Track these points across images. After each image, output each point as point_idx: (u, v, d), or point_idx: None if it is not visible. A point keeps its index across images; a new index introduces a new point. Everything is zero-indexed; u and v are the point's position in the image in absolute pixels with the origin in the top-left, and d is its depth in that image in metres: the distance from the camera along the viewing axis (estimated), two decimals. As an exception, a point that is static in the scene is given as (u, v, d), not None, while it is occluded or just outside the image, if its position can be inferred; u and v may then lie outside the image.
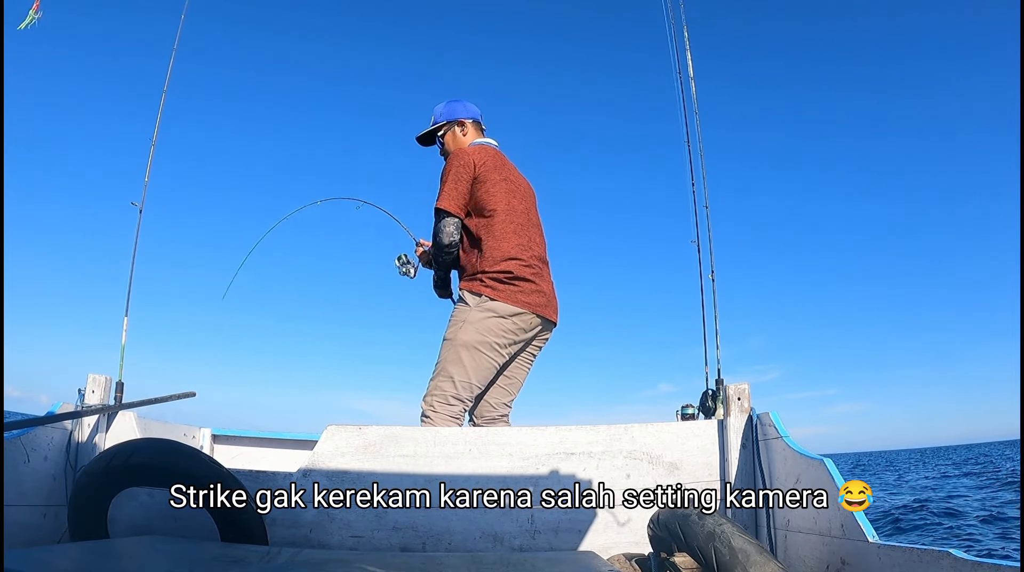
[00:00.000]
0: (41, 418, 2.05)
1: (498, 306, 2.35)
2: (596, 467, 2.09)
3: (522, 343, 2.45)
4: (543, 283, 2.45)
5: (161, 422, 2.63)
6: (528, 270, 2.41)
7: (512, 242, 2.41)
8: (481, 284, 2.38)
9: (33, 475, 1.99)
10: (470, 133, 2.65)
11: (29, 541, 1.92)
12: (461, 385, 2.33)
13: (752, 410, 2.14)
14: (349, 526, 2.00)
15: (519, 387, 2.58)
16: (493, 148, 2.60)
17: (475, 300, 2.37)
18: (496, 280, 2.37)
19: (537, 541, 2.02)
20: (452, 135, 2.65)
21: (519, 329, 2.39)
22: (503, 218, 2.43)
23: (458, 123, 2.65)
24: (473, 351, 2.34)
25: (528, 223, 2.51)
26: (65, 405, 2.18)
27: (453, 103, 2.69)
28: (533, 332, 2.45)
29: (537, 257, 2.48)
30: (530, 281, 2.40)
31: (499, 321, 2.35)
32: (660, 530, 1.72)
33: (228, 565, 1.42)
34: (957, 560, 1.21)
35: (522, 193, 2.55)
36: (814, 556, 1.75)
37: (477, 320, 2.35)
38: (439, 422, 2.30)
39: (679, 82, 2.76)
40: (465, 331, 2.35)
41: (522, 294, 2.37)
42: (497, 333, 2.35)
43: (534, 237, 2.52)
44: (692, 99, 2.72)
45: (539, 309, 2.41)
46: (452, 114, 2.66)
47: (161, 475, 1.72)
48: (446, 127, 2.66)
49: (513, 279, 2.37)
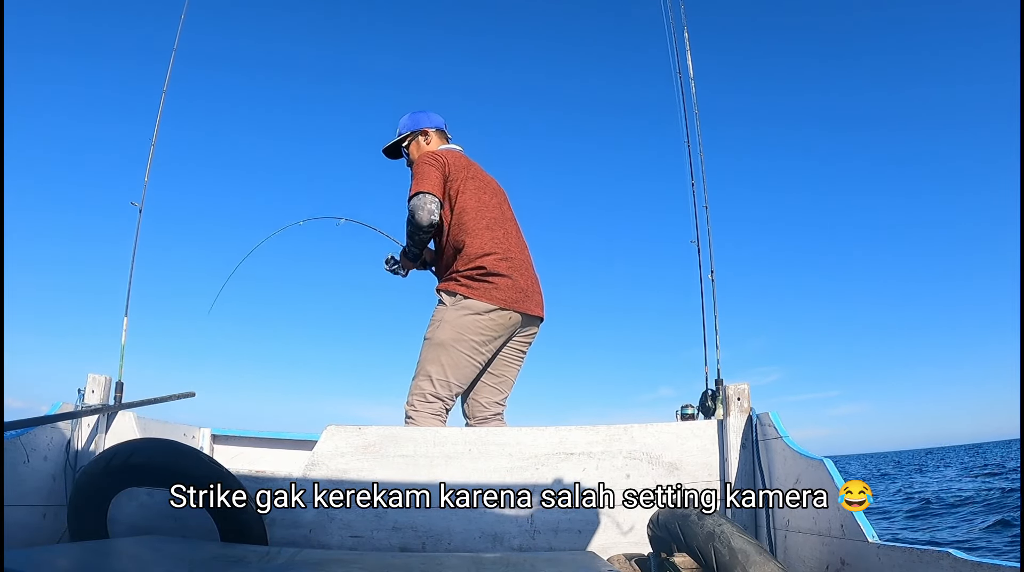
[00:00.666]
0: (41, 418, 2.04)
1: (473, 304, 2.36)
2: (596, 467, 2.09)
3: (502, 339, 2.45)
4: (520, 278, 2.45)
5: (161, 422, 2.63)
6: (503, 264, 2.41)
7: (485, 238, 2.42)
8: (456, 283, 2.39)
9: (33, 475, 1.98)
10: (433, 141, 2.68)
11: (29, 541, 1.92)
12: (439, 384, 2.35)
13: (752, 410, 2.14)
14: (349, 526, 2.00)
15: (510, 385, 2.58)
16: (457, 151, 2.63)
17: (451, 299, 2.39)
18: (470, 278, 2.38)
19: (537, 541, 2.02)
20: (416, 144, 2.69)
21: (497, 325, 2.39)
22: (474, 215, 2.44)
23: (422, 133, 2.69)
24: (451, 349, 2.35)
25: (501, 218, 2.52)
26: (65, 405, 2.17)
27: (417, 114, 2.73)
28: (513, 328, 2.45)
29: (512, 253, 2.47)
30: (505, 276, 2.39)
31: (475, 318, 2.36)
32: (660, 530, 1.72)
33: (228, 565, 1.42)
34: (957, 560, 1.21)
35: (492, 189, 2.57)
36: (814, 556, 1.75)
37: (453, 319, 2.36)
38: (421, 421, 2.32)
39: (679, 82, 2.76)
40: (442, 330, 2.36)
41: (497, 290, 2.38)
42: (474, 330, 2.36)
43: (509, 230, 2.52)
44: (692, 99, 2.73)
45: (516, 305, 2.40)
46: (416, 124, 2.70)
47: (161, 475, 1.72)
48: (410, 138, 2.69)
49: (487, 275, 2.37)
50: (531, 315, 2.48)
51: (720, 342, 2.37)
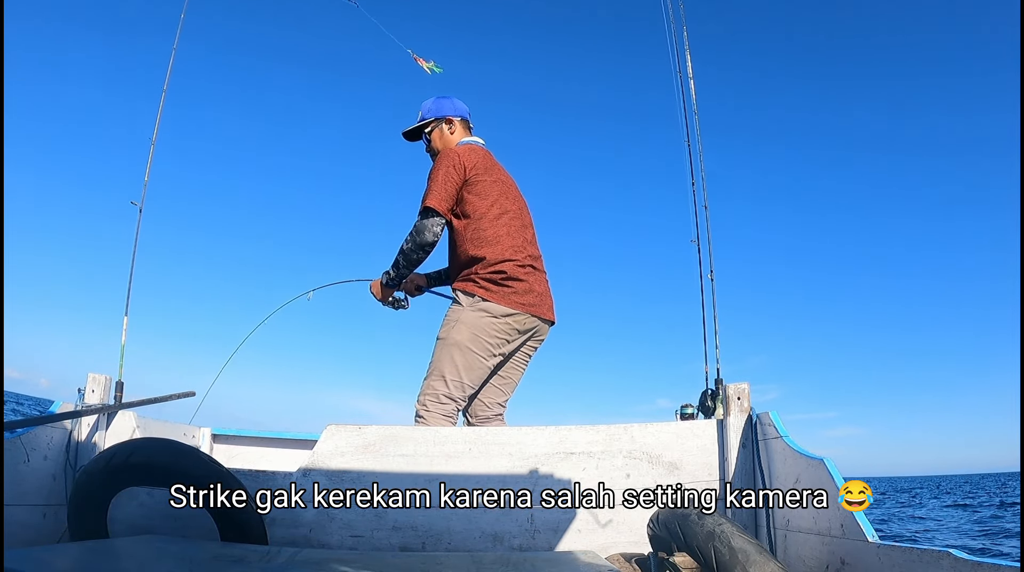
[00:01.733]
0: (41, 417, 2.05)
1: (491, 306, 2.35)
2: (596, 467, 2.09)
3: (516, 343, 2.45)
4: (536, 283, 2.45)
5: (161, 422, 2.63)
6: (521, 271, 2.41)
7: (506, 243, 2.41)
8: (475, 285, 2.38)
9: (33, 474, 1.98)
10: (458, 131, 2.64)
11: (29, 541, 1.92)
12: (453, 384, 2.34)
13: (752, 410, 2.14)
14: (349, 526, 2.00)
15: (514, 387, 2.58)
16: (482, 148, 2.59)
17: (468, 300, 2.38)
18: (490, 281, 2.37)
19: (537, 541, 2.02)
20: (439, 132, 2.63)
21: (512, 330, 2.39)
22: (496, 220, 2.43)
23: (446, 121, 2.63)
24: (465, 351, 2.34)
25: (521, 224, 2.51)
26: (65, 404, 2.17)
27: (441, 99, 2.67)
28: (527, 333, 2.45)
29: (531, 257, 2.48)
30: (523, 281, 2.40)
31: (492, 321, 2.36)
32: (660, 530, 1.72)
33: (228, 565, 1.42)
34: (957, 560, 1.21)
35: (514, 194, 2.56)
36: (814, 556, 1.75)
37: (470, 320, 2.35)
38: (432, 421, 2.31)
39: (679, 82, 2.76)
40: (458, 331, 2.36)
41: (515, 295, 2.38)
42: (490, 333, 2.36)
43: (528, 237, 2.52)
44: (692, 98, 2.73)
45: (532, 309, 2.41)
46: (440, 111, 2.64)
47: (161, 474, 1.72)
48: (434, 124, 2.64)
49: (507, 280, 2.37)
50: (544, 319, 2.49)
51: (720, 355, 2.36)
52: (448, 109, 2.64)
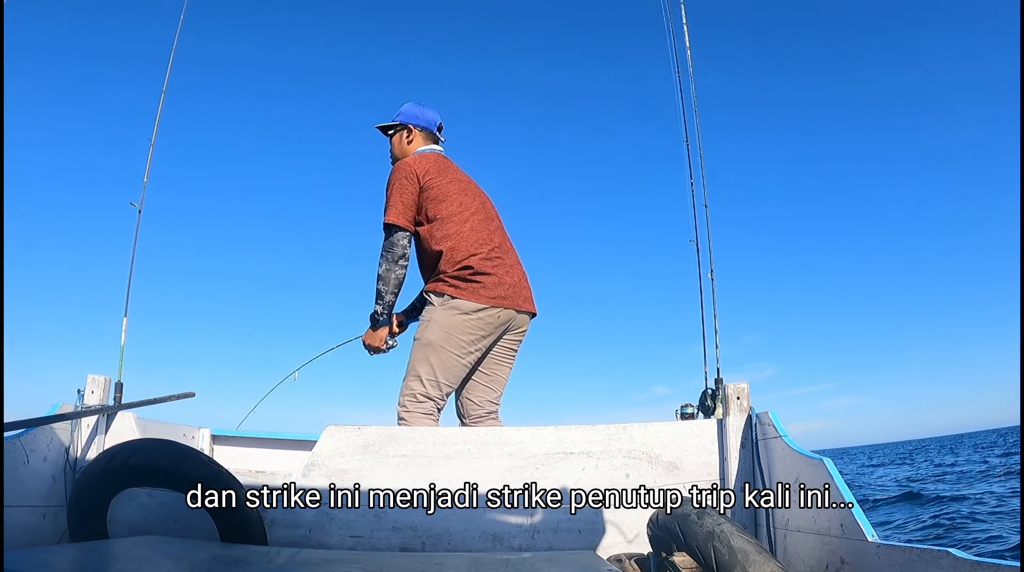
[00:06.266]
0: (41, 418, 2.04)
1: (461, 304, 2.37)
2: (596, 467, 2.09)
3: (492, 337, 2.47)
4: (507, 275, 2.46)
5: (160, 422, 2.63)
6: (488, 264, 2.42)
7: (470, 239, 2.43)
8: (444, 284, 2.41)
9: (32, 475, 1.98)
10: (416, 141, 2.67)
11: (29, 541, 1.92)
12: (429, 384, 2.36)
13: (751, 409, 2.15)
14: (349, 526, 2.00)
15: (503, 384, 2.59)
16: (435, 154, 2.61)
17: (439, 300, 2.41)
18: (458, 278, 2.39)
19: (537, 541, 2.02)
20: (399, 138, 2.69)
21: (485, 325, 2.41)
22: (457, 217, 2.45)
23: (407, 129, 2.67)
24: (440, 350, 2.36)
25: (485, 218, 2.53)
26: (64, 405, 2.17)
27: (413, 107, 2.72)
28: (503, 326, 2.46)
29: (497, 248, 2.49)
30: (491, 274, 2.41)
31: (464, 318, 2.37)
32: (659, 530, 1.72)
33: (228, 565, 1.42)
34: (957, 560, 1.21)
35: (473, 190, 2.58)
36: (813, 556, 1.75)
37: (442, 319, 2.38)
38: (413, 421, 2.33)
39: (678, 81, 2.76)
40: (431, 330, 2.38)
41: (484, 289, 2.39)
42: (463, 330, 2.38)
43: (493, 229, 2.54)
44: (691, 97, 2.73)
45: (504, 302, 2.42)
46: (407, 118, 2.69)
47: (160, 475, 1.72)
48: (399, 128, 2.69)
49: (475, 275, 2.39)
50: (521, 311, 2.49)
51: (719, 341, 2.37)
52: (415, 118, 2.69)
